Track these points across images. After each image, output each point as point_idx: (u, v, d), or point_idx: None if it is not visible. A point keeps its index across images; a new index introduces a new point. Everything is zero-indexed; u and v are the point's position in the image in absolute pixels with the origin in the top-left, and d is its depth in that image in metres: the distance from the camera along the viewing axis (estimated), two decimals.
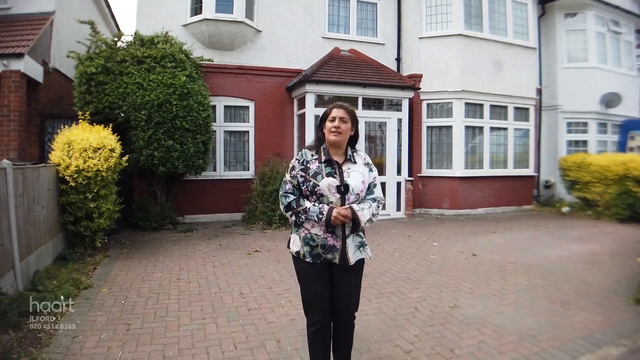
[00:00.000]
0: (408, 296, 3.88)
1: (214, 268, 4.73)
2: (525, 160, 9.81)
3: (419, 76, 8.98)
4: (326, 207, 2.07)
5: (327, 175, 2.12)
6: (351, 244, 2.16)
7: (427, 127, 9.16)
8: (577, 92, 10.18)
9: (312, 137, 7.70)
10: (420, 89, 8.89)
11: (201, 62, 7.46)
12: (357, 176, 2.16)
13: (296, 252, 2.20)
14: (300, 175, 2.16)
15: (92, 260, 4.83)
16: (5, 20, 7.13)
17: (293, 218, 2.18)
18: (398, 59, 9.45)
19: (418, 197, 8.97)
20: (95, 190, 4.80)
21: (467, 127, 8.99)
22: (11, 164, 3.55)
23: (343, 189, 2.10)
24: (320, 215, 2.06)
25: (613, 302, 3.75)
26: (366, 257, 2.25)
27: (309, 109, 7.86)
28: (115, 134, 5.50)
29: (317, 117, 7.80)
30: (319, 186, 2.10)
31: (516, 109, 9.60)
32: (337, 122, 2.15)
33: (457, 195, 8.92)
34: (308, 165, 2.17)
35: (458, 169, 8.88)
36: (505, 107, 9.45)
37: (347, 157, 2.21)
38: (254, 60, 8.33)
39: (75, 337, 2.90)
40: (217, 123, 8.02)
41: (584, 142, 10.43)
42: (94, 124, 5.44)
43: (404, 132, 8.54)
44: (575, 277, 4.50)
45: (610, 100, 10.19)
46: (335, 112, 2.18)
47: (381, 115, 8.48)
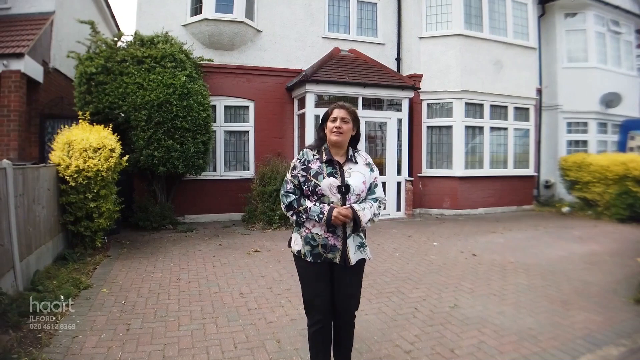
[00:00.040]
0: (408, 296, 3.88)
1: (214, 268, 4.74)
2: (525, 160, 9.81)
3: (419, 76, 8.98)
4: (327, 206, 2.08)
5: (328, 175, 2.13)
6: (352, 244, 2.16)
7: (427, 127, 9.16)
8: (577, 92, 10.18)
9: (312, 137, 7.70)
10: (420, 89, 8.90)
11: (201, 62, 7.46)
12: (358, 176, 2.16)
13: (297, 252, 2.20)
14: (302, 175, 2.16)
15: (92, 260, 4.83)
16: (5, 20, 7.13)
17: (294, 217, 2.18)
18: (398, 59, 9.45)
19: (418, 197, 8.98)
20: (95, 190, 4.81)
21: (467, 127, 8.99)
22: (11, 164, 3.55)
23: (344, 189, 2.10)
24: (321, 215, 2.07)
25: (613, 302, 3.75)
26: (366, 258, 2.25)
27: (309, 109, 7.86)
28: (115, 134, 5.50)
29: (317, 117, 7.80)
30: (320, 186, 2.11)
31: (516, 109, 9.60)
32: (338, 123, 2.15)
33: (457, 195, 8.92)
34: (309, 165, 2.17)
35: (458, 169, 8.88)
36: (505, 107, 9.45)
37: (349, 157, 2.21)
38: (254, 60, 8.33)
39: (75, 337, 2.90)
40: (217, 123, 8.02)
41: (584, 142, 10.44)
42: (94, 124, 5.45)
43: (404, 132, 8.54)
44: (575, 277, 4.50)
45: (610, 100, 10.19)
46: (337, 113, 2.18)
47: (381, 115, 8.49)
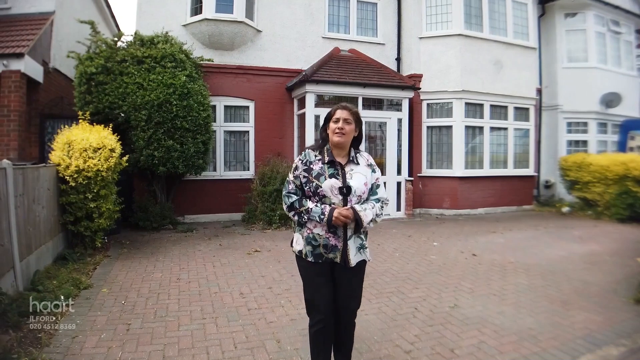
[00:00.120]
0: (408, 296, 3.88)
1: (214, 268, 4.73)
2: (525, 160, 9.81)
3: (419, 76, 8.98)
4: (328, 207, 2.09)
5: (330, 176, 2.14)
6: (352, 245, 2.16)
7: (427, 127, 9.16)
8: (577, 92, 10.18)
9: (312, 137, 7.71)
10: (420, 89, 8.90)
11: (201, 62, 7.46)
12: (359, 178, 2.17)
13: (299, 252, 2.22)
14: (303, 176, 2.17)
15: (92, 260, 4.83)
16: (5, 20, 7.12)
17: (296, 218, 2.19)
18: (398, 59, 9.45)
19: (418, 197, 8.97)
20: (95, 190, 4.80)
21: (467, 127, 8.99)
22: (11, 164, 3.55)
23: (345, 191, 2.11)
24: (322, 216, 2.08)
25: (613, 302, 3.75)
26: (367, 259, 2.26)
27: (309, 109, 7.86)
28: (115, 134, 5.50)
29: (317, 117, 7.81)
30: (321, 187, 2.12)
31: (516, 109, 9.60)
32: (340, 124, 2.16)
33: (457, 195, 8.92)
34: (311, 166, 2.18)
35: (458, 169, 8.88)
36: (505, 107, 9.45)
37: (350, 158, 2.22)
38: (254, 60, 8.33)
39: (75, 337, 2.90)
40: (217, 123, 8.02)
41: (584, 142, 10.44)
42: (94, 124, 5.44)
43: (404, 132, 8.54)
44: (575, 277, 4.50)
45: (610, 100, 10.19)
46: (339, 114, 2.19)
47: (381, 115, 8.49)
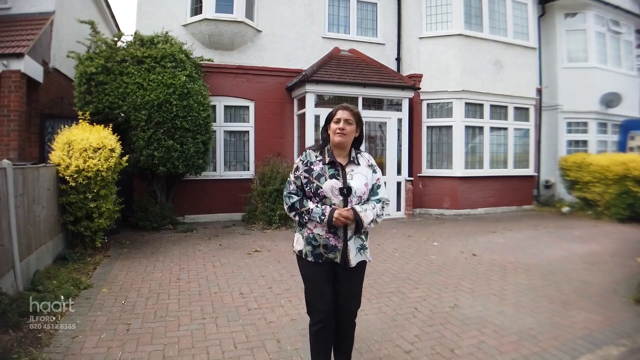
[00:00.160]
0: (408, 296, 3.88)
1: (214, 268, 4.73)
2: (525, 160, 9.81)
3: (419, 76, 8.98)
4: (328, 208, 2.09)
5: (330, 177, 2.14)
6: (353, 246, 2.17)
7: (427, 127, 9.16)
8: (577, 92, 10.18)
9: (312, 137, 7.72)
10: (420, 89, 8.90)
11: (201, 62, 7.46)
12: (360, 178, 2.18)
13: (299, 251, 2.23)
14: (304, 177, 2.18)
15: (92, 260, 4.83)
16: (5, 20, 7.12)
17: (297, 218, 2.20)
18: (398, 59, 9.45)
19: (418, 197, 8.97)
20: (95, 190, 4.80)
21: (467, 127, 8.99)
22: (11, 164, 3.55)
23: (346, 191, 2.12)
24: (323, 217, 2.08)
25: (613, 302, 3.75)
26: (367, 260, 2.26)
27: (309, 109, 7.86)
28: (115, 134, 5.50)
29: (317, 117, 7.81)
30: (322, 188, 2.12)
31: (516, 109, 9.60)
32: (342, 124, 2.17)
33: (457, 195, 8.92)
34: (312, 166, 2.18)
35: (458, 169, 8.88)
36: (505, 107, 9.45)
37: (351, 158, 2.23)
38: (254, 60, 8.33)
39: (75, 337, 2.90)
40: (217, 123, 8.02)
41: (584, 142, 10.44)
42: (94, 124, 5.44)
43: (404, 132, 8.54)
44: (575, 277, 4.50)
45: (610, 100, 10.19)
46: (341, 114, 2.19)
47: (381, 115, 8.49)
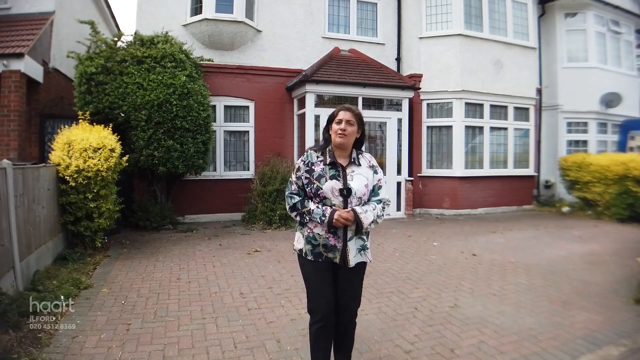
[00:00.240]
0: (408, 296, 3.88)
1: (214, 268, 4.73)
2: (525, 160, 9.81)
3: (419, 76, 8.98)
4: (329, 209, 2.10)
5: (331, 178, 2.15)
6: (353, 246, 2.18)
7: (427, 127, 9.16)
8: (577, 92, 10.18)
9: (312, 137, 7.72)
10: (420, 88, 8.89)
11: (201, 62, 7.46)
12: (360, 179, 2.19)
13: (299, 250, 2.24)
14: (305, 177, 2.19)
15: (92, 260, 4.83)
16: (5, 20, 7.12)
17: (298, 218, 2.22)
18: (398, 59, 9.45)
19: (418, 197, 8.97)
20: (95, 190, 4.80)
21: (467, 127, 8.99)
22: (11, 164, 3.55)
23: (346, 192, 2.13)
24: (323, 218, 2.10)
25: (613, 302, 3.75)
26: (367, 261, 2.26)
27: (309, 109, 7.85)
28: (115, 134, 5.50)
29: (317, 117, 7.82)
30: (322, 189, 2.13)
31: (516, 108, 9.60)
32: (343, 125, 2.18)
33: (457, 195, 8.92)
34: (313, 167, 2.19)
35: (458, 169, 8.88)
36: (505, 107, 9.45)
37: (352, 159, 2.23)
38: (254, 60, 8.33)
39: (75, 337, 2.90)
40: (217, 123, 8.02)
41: (584, 142, 10.44)
42: (94, 124, 5.44)
43: (404, 132, 8.54)
44: (575, 277, 4.50)
45: (610, 100, 10.19)
46: (342, 115, 2.20)
47: (381, 115, 8.48)
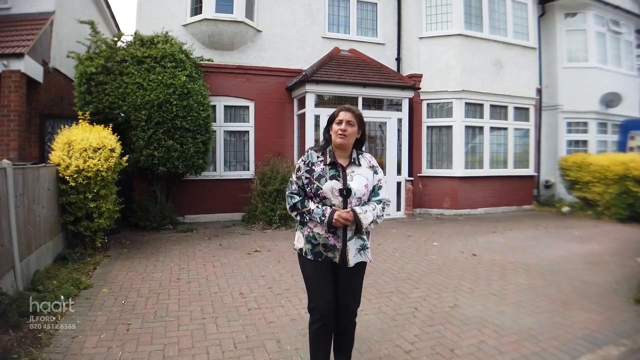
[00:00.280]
0: (408, 296, 3.88)
1: (214, 268, 4.73)
2: (525, 160, 9.80)
3: (419, 76, 8.98)
4: (328, 209, 2.11)
5: (331, 178, 2.16)
6: (352, 246, 2.18)
7: (427, 127, 9.16)
8: (577, 92, 10.18)
9: (312, 137, 7.72)
10: (420, 88, 8.89)
11: (201, 62, 7.46)
12: (360, 179, 2.19)
13: (299, 249, 2.25)
14: (305, 177, 2.20)
15: (92, 260, 4.83)
16: (5, 20, 7.12)
17: (298, 218, 2.23)
18: (398, 59, 9.45)
19: (418, 197, 8.97)
20: (95, 190, 4.80)
21: (467, 127, 8.99)
22: (11, 164, 3.55)
23: (345, 193, 2.14)
24: (323, 218, 2.11)
25: (613, 302, 3.75)
26: (367, 261, 2.27)
27: (309, 109, 7.85)
28: (115, 134, 5.50)
29: (317, 117, 7.82)
30: (322, 189, 2.14)
31: (516, 108, 9.59)
32: (343, 125, 2.18)
33: (457, 195, 8.92)
34: (313, 167, 2.20)
35: (458, 169, 8.88)
36: (505, 107, 9.45)
37: (352, 159, 2.23)
38: (254, 60, 8.33)
39: (75, 337, 2.90)
40: (217, 123, 8.02)
41: (584, 142, 10.44)
42: (94, 124, 5.44)
43: (404, 132, 8.54)
44: (575, 277, 4.50)
45: (610, 100, 10.19)
46: (342, 115, 2.20)
47: (381, 115, 8.48)
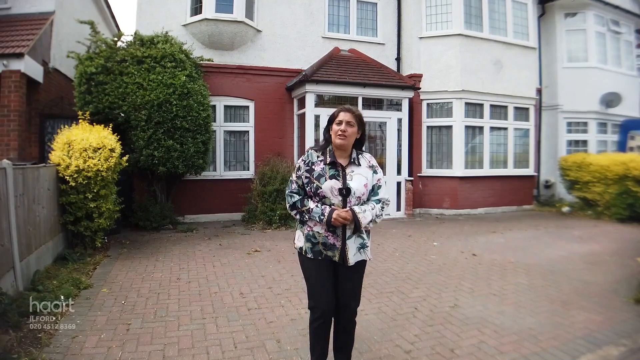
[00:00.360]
0: (408, 296, 3.88)
1: (214, 268, 4.73)
2: (525, 160, 9.80)
3: (419, 76, 8.98)
4: (328, 208, 2.12)
5: (331, 177, 2.17)
6: (352, 245, 2.19)
7: (427, 127, 9.16)
8: (577, 92, 10.18)
9: (312, 136, 7.72)
10: (420, 88, 8.89)
11: (201, 62, 7.45)
12: (360, 179, 2.20)
13: (300, 248, 2.27)
14: (305, 177, 2.21)
15: (92, 260, 4.83)
16: (5, 20, 7.12)
17: (298, 216, 2.24)
18: (398, 59, 9.45)
19: (418, 197, 8.97)
20: (95, 190, 4.80)
21: (467, 127, 8.99)
22: (11, 164, 3.55)
23: (345, 192, 2.15)
24: (322, 217, 2.12)
25: (613, 302, 3.75)
26: (366, 259, 2.27)
27: (309, 108, 7.85)
28: (115, 134, 5.50)
29: (317, 117, 7.82)
30: (321, 188, 2.15)
31: (516, 108, 9.59)
32: (343, 126, 2.19)
33: (457, 195, 8.92)
34: (313, 167, 2.21)
35: (458, 168, 8.88)
36: (505, 107, 9.45)
37: (352, 159, 2.24)
38: (254, 60, 8.33)
39: (75, 337, 2.90)
40: (217, 123, 8.02)
41: (584, 142, 10.43)
42: (94, 123, 5.44)
43: (404, 132, 8.54)
44: (575, 277, 4.50)
45: (610, 100, 10.19)
46: (342, 116, 2.21)
47: (381, 115, 8.48)
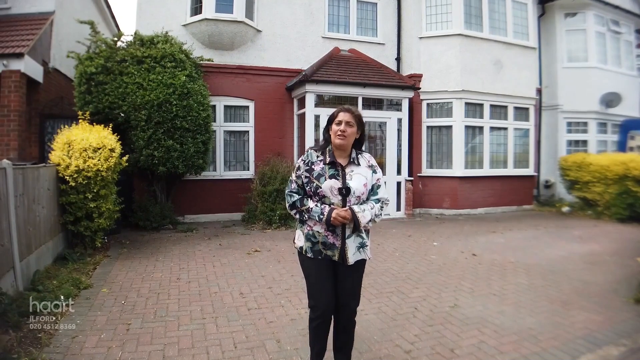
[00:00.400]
0: (408, 296, 3.88)
1: (214, 268, 4.73)
2: (525, 160, 9.80)
3: (419, 76, 8.98)
4: (327, 208, 2.13)
5: (330, 177, 2.18)
6: (352, 244, 2.19)
7: (427, 127, 9.16)
8: (577, 92, 10.18)
9: (312, 136, 7.73)
10: (420, 88, 8.89)
11: (201, 62, 7.46)
12: (359, 179, 2.20)
13: (300, 247, 2.28)
14: (305, 176, 2.22)
15: (92, 260, 4.83)
16: (5, 20, 7.12)
17: (297, 216, 2.25)
18: (398, 59, 9.45)
19: (418, 196, 8.97)
20: (95, 190, 4.80)
21: (467, 127, 8.99)
22: (11, 164, 3.55)
23: (344, 192, 2.15)
24: (322, 216, 2.13)
25: (613, 302, 3.75)
26: (366, 258, 2.28)
27: (309, 108, 7.85)
28: (115, 134, 5.50)
29: (317, 117, 7.82)
30: (321, 188, 2.16)
31: (516, 108, 9.59)
32: (343, 126, 2.19)
33: (457, 195, 8.92)
34: (312, 166, 2.22)
35: (458, 168, 8.88)
36: (505, 107, 9.45)
37: (351, 159, 2.25)
38: (254, 60, 8.33)
39: (75, 337, 2.90)
40: (217, 123, 8.02)
41: (584, 142, 10.44)
42: (94, 123, 5.44)
43: (404, 132, 8.54)
44: (575, 277, 4.50)
45: (610, 100, 10.19)
46: (342, 116, 2.21)
47: (381, 115, 8.48)
